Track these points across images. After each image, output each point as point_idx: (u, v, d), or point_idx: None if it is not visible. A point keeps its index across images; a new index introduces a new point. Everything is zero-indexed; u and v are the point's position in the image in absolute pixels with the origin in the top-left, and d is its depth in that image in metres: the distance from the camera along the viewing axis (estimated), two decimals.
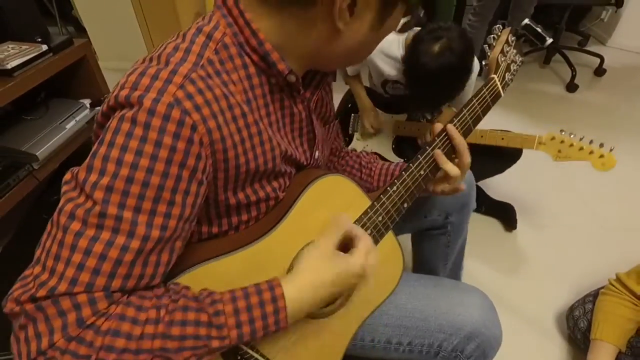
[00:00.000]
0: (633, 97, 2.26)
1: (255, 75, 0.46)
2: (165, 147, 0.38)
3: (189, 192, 0.40)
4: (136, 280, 0.39)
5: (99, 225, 0.37)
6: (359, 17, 0.44)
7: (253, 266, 0.51)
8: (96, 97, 1.64)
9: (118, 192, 0.37)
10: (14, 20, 1.38)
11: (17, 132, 1.38)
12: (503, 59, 0.73)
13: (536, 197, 1.57)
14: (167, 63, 0.40)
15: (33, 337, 0.35)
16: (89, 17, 2.50)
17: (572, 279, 1.25)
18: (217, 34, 0.44)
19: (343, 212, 0.57)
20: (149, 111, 0.37)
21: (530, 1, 2.00)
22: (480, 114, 0.69)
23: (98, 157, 0.38)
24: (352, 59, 0.53)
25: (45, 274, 0.36)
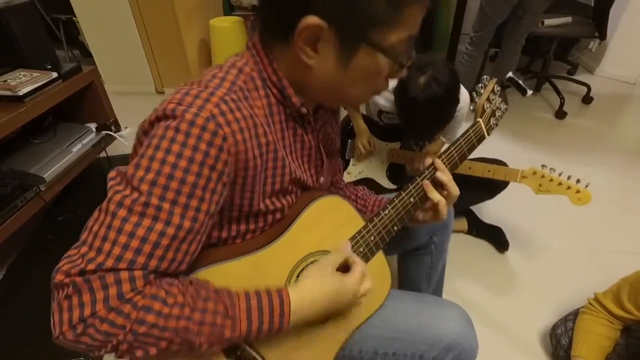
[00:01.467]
0: (619, 124, 2.34)
1: (274, 104, 0.55)
2: (200, 151, 0.45)
3: (215, 191, 0.48)
4: (168, 263, 0.45)
5: (142, 213, 0.43)
6: (323, 55, 0.49)
7: (257, 271, 0.57)
8: (102, 121, 1.70)
9: (160, 187, 0.44)
10: (26, 48, 1.45)
11: (26, 155, 1.43)
12: (488, 105, 0.81)
13: (525, 221, 1.62)
14: (206, 87, 0.49)
15: (77, 305, 0.40)
16: (95, 41, 2.58)
17: (557, 298, 1.29)
18: (246, 69, 0.53)
19: (340, 229, 0.64)
20: (189, 122, 0.45)
21: (521, 33, 2.10)
22: (466, 152, 0.76)
23: (145, 157, 0.45)
24: (338, 97, 0.59)
25: (93, 252, 0.42)
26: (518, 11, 2.00)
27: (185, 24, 2.51)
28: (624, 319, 1.00)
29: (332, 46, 0.48)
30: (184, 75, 2.67)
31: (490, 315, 1.27)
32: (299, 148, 0.61)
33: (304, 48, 0.49)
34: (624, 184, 1.84)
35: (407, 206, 0.68)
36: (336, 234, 0.64)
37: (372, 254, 0.66)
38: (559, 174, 1.07)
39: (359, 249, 0.64)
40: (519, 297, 1.34)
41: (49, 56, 1.53)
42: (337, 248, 0.60)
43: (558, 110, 2.34)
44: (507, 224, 1.55)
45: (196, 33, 2.70)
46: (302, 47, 0.48)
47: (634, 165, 1.95)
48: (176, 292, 0.45)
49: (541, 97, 2.60)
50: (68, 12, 2.53)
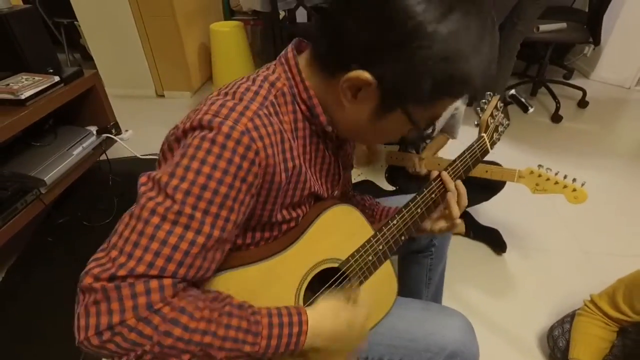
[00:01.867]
0: (614, 128, 2.37)
1: (300, 120, 0.57)
2: (234, 164, 0.46)
3: (244, 203, 0.49)
4: (196, 271, 0.46)
5: (174, 221, 0.44)
6: (361, 102, 0.52)
7: (271, 277, 0.59)
8: (102, 124, 1.72)
9: (194, 196, 0.45)
10: (29, 52, 1.47)
11: (27, 158, 1.44)
12: (492, 121, 0.83)
13: (522, 223, 1.64)
14: (241, 99, 0.50)
15: (105, 312, 0.41)
16: (96, 45, 2.61)
17: (554, 300, 1.30)
18: (278, 84, 0.55)
19: (351, 238, 0.66)
20: (226, 135, 0.46)
21: (516, 38, 2.14)
22: (471, 165, 0.77)
23: (181, 166, 0.46)
24: (356, 136, 0.63)
25: (124, 257, 0.42)
26: (513, 17, 2.03)
27: (185, 28, 2.54)
28: (619, 320, 1.01)
29: (371, 100, 0.51)
30: (184, 78, 2.70)
31: (488, 317, 1.29)
32: (320, 162, 0.63)
33: (345, 92, 0.51)
34: (620, 187, 1.86)
35: (415, 217, 0.70)
36: (347, 242, 0.66)
37: (380, 262, 0.68)
38: (555, 173, 1.08)
39: (367, 257, 0.66)
40: (516, 298, 1.35)
41: (51, 60, 1.55)
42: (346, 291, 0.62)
43: (554, 114, 2.37)
44: (504, 226, 1.57)
45: (196, 37, 2.72)
46: (344, 90, 0.51)
47: (629, 168, 1.98)
48: (202, 307, 0.46)
49: (537, 101, 2.63)
50: (70, 16, 2.55)
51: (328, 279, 0.66)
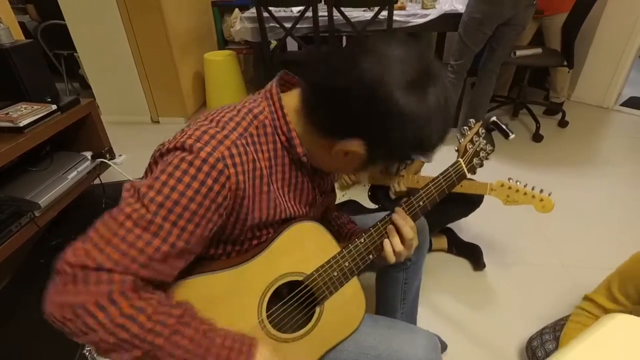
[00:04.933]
0: (593, 146, 2.45)
1: (280, 149, 0.63)
2: (206, 186, 0.53)
3: (211, 220, 0.55)
4: (156, 274, 0.52)
5: (145, 228, 0.50)
6: (349, 160, 0.60)
7: (235, 285, 0.64)
8: (97, 149, 1.79)
9: (166, 209, 0.51)
10: (28, 83, 1.55)
11: (23, 182, 1.50)
12: (471, 146, 0.87)
13: (503, 238, 1.69)
14: (223, 128, 0.57)
15: (71, 293, 0.47)
16: (94, 75, 2.71)
17: (534, 313, 1.33)
18: (261, 117, 0.61)
19: (316, 253, 0.69)
20: (202, 159, 0.53)
21: (495, 63, 2.25)
22: (445, 189, 0.79)
23: (159, 181, 0.52)
24: (327, 169, 0.71)
25: (96, 252, 0.49)
26: (492, 43, 2.15)
27: (180, 58, 2.66)
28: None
29: (359, 159, 0.59)
30: (179, 105, 2.79)
31: (469, 330, 1.31)
32: (299, 188, 0.69)
33: (337, 154, 0.58)
34: (598, 203, 1.92)
35: (383, 236, 0.72)
36: (313, 257, 0.69)
37: (346, 279, 0.70)
38: (524, 185, 1.14)
39: (332, 273, 0.69)
40: (496, 312, 1.38)
41: (50, 90, 1.63)
42: None
43: (535, 133, 2.46)
44: (486, 242, 1.62)
45: (191, 66, 2.84)
46: (336, 152, 0.58)
47: (607, 185, 2.04)
48: (162, 312, 0.51)
49: (519, 121, 2.72)
50: (69, 48, 2.67)
51: (292, 291, 0.69)
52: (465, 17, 2.07)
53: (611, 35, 2.65)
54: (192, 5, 2.84)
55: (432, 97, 0.53)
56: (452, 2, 2.33)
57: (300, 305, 0.71)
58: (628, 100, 2.92)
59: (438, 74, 0.54)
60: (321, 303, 0.70)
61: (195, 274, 0.61)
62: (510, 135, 0.95)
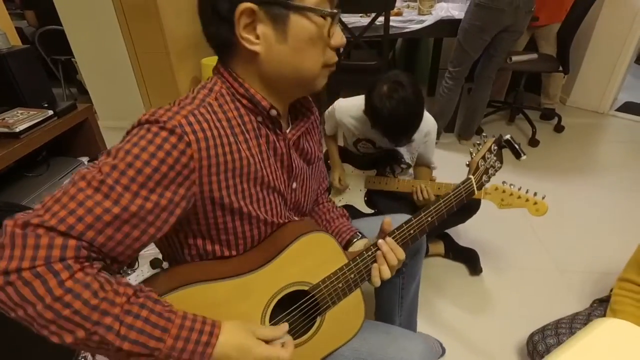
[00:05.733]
0: (588, 151, 2.47)
1: (245, 114, 0.61)
2: (164, 150, 0.51)
3: (168, 188, 0.53)
4: (105, 239, 0.48)
5: (96, 188, 0.48)
6: (264, 36, 0.56)
7: (240, 293, 0.62)
8: (94, 154, 1.78)
9: (118, 171, 0.49)
10: (25, 89, 1.55)
11: (19, 188, 1.49)
12: (483, 163, 0.85)
13: (500, 243, 1.69)
14: (179, 104, 0.57)
15: (6, 256, 0.43)
16: (92, 80, 2.72)
17: (530, 317, 1.32)
18: (216, 88, 0.61)
19: (323, 264, 0.68)
20: (160, 126, 0.52)
21: (492, 69, 2.27)
22: (454, 206, 0.79)
23: (116, 146, 0.52)
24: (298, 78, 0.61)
25: (43, 210, 0.46)
26: (490, 49, 2.17)
27: (178, 63, 2.66)
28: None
29: (268, 26, 0.55)
30: None
31: (466, 335, 1.31)
32: (272, 154, 0.66)
33: (247, 37, 0.55)
34: (594, 207, 1.92)
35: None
36: (320, 268, 0.68)
37: (350, 290, 0.71)
38: (518, 188, 1.15)
39: (338, 284, 0.69)
40: (493, 316, 1.38)
41: (46, 95, 1.63)
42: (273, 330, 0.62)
43: (531, 138, 2.47)
44: (482, 247, 1.62)
45: (188, 71, 2.85)
46: (245, 37, 0.55)
47: (602, 190, 2.05)
48: (109, 289, 0.47)
49: (516, 126, 2.74)
50: (67, 53, 2.68)
51: (297, 300, 0.68)
52: (465, 24, 2.09)
53: (606, 40, 2.67)
54: (190, 11, 2.85)
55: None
56: (448, 9, 2.35)
57: (303, 315, 0.70)
58: (623, 106, 2.94)
59: None
60: (323, 313, 0.70)
61: (198, 282, 0.59)
62: (522, 156, 0.93)
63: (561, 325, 1.18)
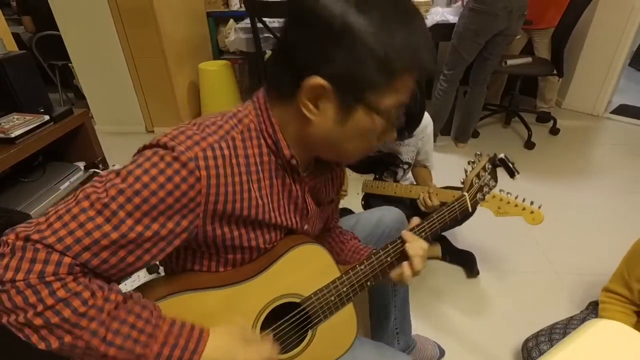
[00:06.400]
0: (584, 154, 2.48)
1: (266, 154, 0.60)
2: (173, 183, 0.50)
3: (171, 218, 0.52)
4: (99, 262, 0.49)
5: (99, 211, 0.48)
6: (324, 111, 0.54)
7: (231, 303, 0.61)
8: (90, 159, 1.78)
9: (125, 197, 0.49)
10: (21, 94, 1.55)
11: (15, 193, 1.49)
12: (477, 181, 0.86)
13: (497, 246, 1.69)
14: (202, 130, 0.55)
15: (3, 266, 0.45)
16: (89, 85, 2.72)
17: (527, 319, 1.33)
18: (245, 120, 0.59)
19: (315, 277, 0.68)
20: (174, 156, 0.51)
21: (487, 72, 2.28)
22: (448, 221, 0.79)
23: (126, 169, 0.51)
24: (335, 151, 0.62)
25: (44, 225, 0.47)
26: (484, 53, 2.18)
27: (175, 68, 2.67)
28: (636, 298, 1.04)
29: (332, 105, 0.53)
30: (174, 115, 2.80)
31: (464, 337, 1.31)
32: (287, 197, 0.65)
33: (306, 104, 0.54)
34: (590, 210, 1.93)
35: (384, 265, 0.71)
36: (312, 281, 0.68)
37: (342, 304, 0.70)
38: (515, 197, 1.15)
39: (330, 297, 0.68)
40: (490, 318, 1.39)
41: (43, 100, 1.62)
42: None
43: (527, 141, 2.48)
44: (479, 249, 1.62)
45: (186, 76, 2.85)
46: (305, 103, 0.54)
47: (598, 192, 2.06)
48: (99, 296, 0.48)
49: (511, 129, 2.75)
50: (64, 58, 2.68)
51: (289, 312, 0.68)
52: (460, 28, 2.11)
53: (600, 43, 2.70)
54: (187, 16, 2.86)
55: (393, 3, 0.50)
56: (444, 13, 2.37)
57: (294, 327, 0.70)
58: (618, 108, 2.96)
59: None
60: (315, 326, 0.70)
61: (188, 290, 0.59)
62: (516, 174, 0.94)
63: (555, 330, 1.18)
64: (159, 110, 2.79)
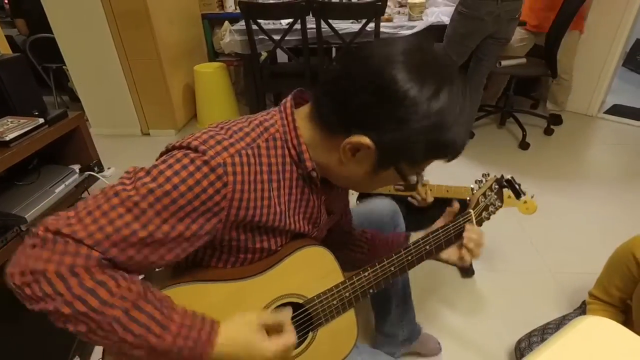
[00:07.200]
0: (578, 154, 2.50)
1: (288, 164, 0.62)
2: (201, 186, 0.52)
3: (196, 221, 0.54)
4: (126, 258, 0.51)
5: (129, 209, 0.50)
6: (358, 161, 0.58)
7: (236, 298, 0.63)
8: (86, 162, 1.78)
9: (154, 196, 0.50)
10: (15, 97, 1.55)
11: (10, 196, 1.48)
12: (483, 200, 0.87)
13: (492, 245, 1.70)
14: (231, 136, 0.56)
15: (35, 257, 0.46)
16: (83, 88, 2.71)
17: (522, 318, 1.34)
18: (272, 129, 0.61)
19: (320, 279, 0.69)
20: (204, 160, 0.52)
21: (482, 73, 2.29)
22: (453, 238, 0.81)
23: (157, 168, 0.52)
24: (353, 186, 0.69)
25: (75, 219, 0.49)
26: (478, 54, 2.20)
27: (170, 70, 2.67)
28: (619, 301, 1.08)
29: (369, 160, 0.57)
30: (169, 117, 2.80)
31: (459, 336, 1.32)
32: (304, 205, 0.67)
33: (346, 152, 0.57)
34: (585, 209, 1.95)
35: (387, 274, 0.73)
36: (317, 283, 0.69)
37: (344, 309, 0.70)
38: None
39: (332, 301, 0.69)
40: (485, 318, 1.39)
41: (37, 104, 1.62)
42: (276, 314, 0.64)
43: (521, 141, 2.50)
44: None
45: (181, 78, 2.85)
46: (344, 150, 0.56)
47: (592, 192, 2.08)
48: (123, 285, 0.50)
49: (506, 130, 2.77)
50: (58, 61, 2.67)
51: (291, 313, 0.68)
52: (450, 31, 2.12)
53: (594, 44, 2.72)
54: (182, 18, 2.86)
55: (444, 94, 0.52)
56: (439, 14, 2.38)
57: (296, 328, 0.70)
58: (611, 108, 2.98)
59: (451, 75, 0.54)
60: (315, 329, 0.70)
61: (195, 281, 0.60)
62: (522, 196, 0.97)
63: (548, 330, 1.19)
64: (155, 113, 2.78)
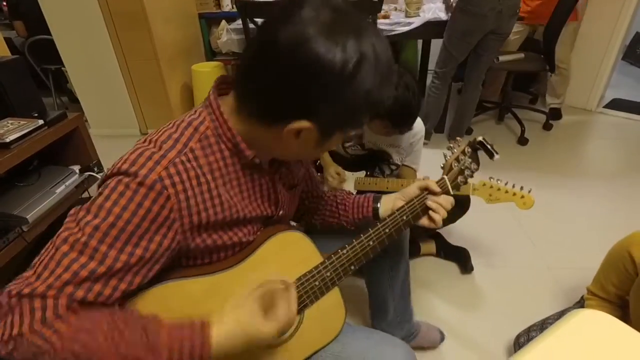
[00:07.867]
0: (577, 149, 2.50)
1: (228, 157, 0.61)
2: (144, 208, 0.52)
3: (152, 240, 0.54)
4: (95, 295, 0.51)
5: (80, 251, 0.50)
6: (304, 140, 0.57)
7: (214, 291, 0.63)
8: (85, 163, 1.78)
9: (101, 232, 0.51)
10: (15, 99, 1.55)
11: (10, 197, 1.49)
12: (456, 164, 0.89)
13: (490, 242, 1.71)
14: (160, 148, 0.55)
15: (8, 325, 0.48)
16: (82, 89, 2.72)
17: (520, 314, 1.35)
18: (202, 128, 0.59)
19: (298, 264, 0.69)
20: (138, 182, 0.52)
21: (481, 69, 2.29)
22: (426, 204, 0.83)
23: (96, 204, 0.52)
24: (304, 159, 0.70)
25: (33, 277, 0.50)
26: (477, 50, 2.20)
27: (168, 70, 2.67)
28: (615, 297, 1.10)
29: (312, 136, 0.56)
30: (168, 117, 2.78)
31: (458, 332, 1.33)
32: (258, 190, 0.67)
33: (288, 137, 0.56)
34: (583, 204, 1.95)
35: (366, 249, 0.74)
36: (296, 267, 0.69)
37: (327, 289, 0.71)
38: (505, 183, 1.17)
39: (314, 282, 0.69)
40: (484, 314, 1.40)
41: (36, 105, 1.63)
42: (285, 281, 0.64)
43: (520, 137, 2.50)
44: (473, 246, 1.64)
45: (179, 78, 2.86)
46: (287, 136, 0.55)
47: (591, 187, 2.08)
48: (103, 322, 0.50)
49: (505, 125, 2.77)
50: (57, 62, 2.67)
51: None
52: (451, 29, 2.12)
53: (592, 38, 2.71)
54: (179, 18, 2.86)
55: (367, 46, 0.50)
56: (436, 11, 2.38)
57: None
58: (611, 103, 2.98)
59: (360, 22, 0.51)
60: (301, 312, 0.71)
61: (170, 279, 0.61)
62: (495, 155, 0.97)
63: (547, 325, 1.20)
64: (153, 113, 2.79)
